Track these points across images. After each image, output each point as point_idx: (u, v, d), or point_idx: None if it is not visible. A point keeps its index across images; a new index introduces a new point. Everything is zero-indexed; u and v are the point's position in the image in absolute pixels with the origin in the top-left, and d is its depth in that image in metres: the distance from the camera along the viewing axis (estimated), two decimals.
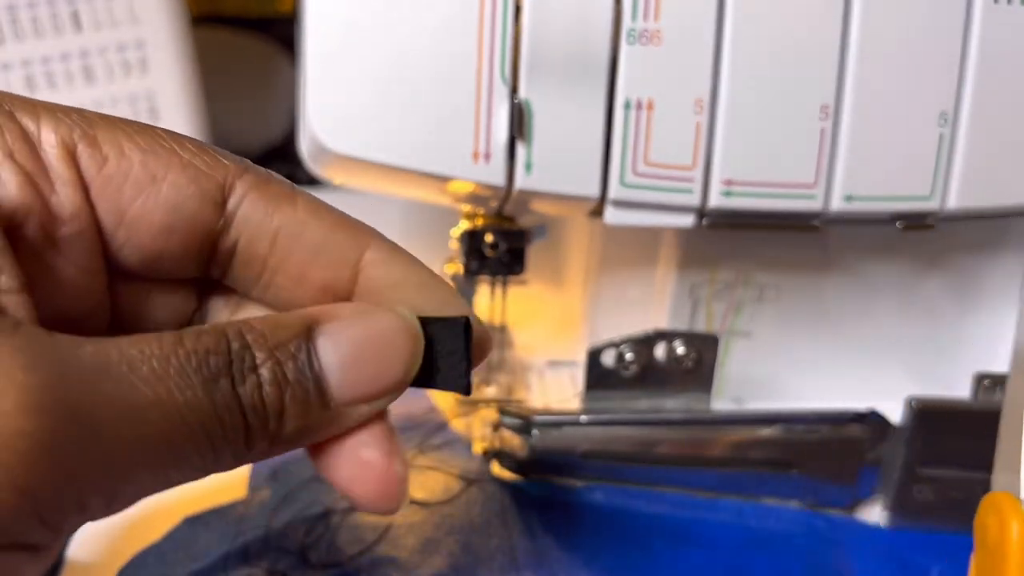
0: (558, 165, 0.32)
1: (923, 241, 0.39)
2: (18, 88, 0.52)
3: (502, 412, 0.36)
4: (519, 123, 0.31)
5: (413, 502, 0.35)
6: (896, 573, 0.34)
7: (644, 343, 0.36)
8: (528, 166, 0.32)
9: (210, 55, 0.61)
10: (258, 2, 0.70)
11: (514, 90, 0.31)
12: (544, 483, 0.36)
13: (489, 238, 0.37)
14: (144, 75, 0.55)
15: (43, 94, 0.53)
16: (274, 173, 0.23)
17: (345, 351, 0.20)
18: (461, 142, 0.32)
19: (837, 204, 0.33)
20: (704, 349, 0.36)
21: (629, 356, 0.36)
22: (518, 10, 0.31)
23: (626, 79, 0.31)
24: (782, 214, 0.34)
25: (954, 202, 0.34)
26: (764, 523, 0.36)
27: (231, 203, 0.21)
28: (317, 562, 0.32)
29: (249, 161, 0.22)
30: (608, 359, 0.36)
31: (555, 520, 0.35)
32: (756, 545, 0.35)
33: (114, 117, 0.21)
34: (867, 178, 0.33)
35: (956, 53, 0.33)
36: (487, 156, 0.32)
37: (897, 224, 0.35)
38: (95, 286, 0.21)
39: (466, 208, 0.38)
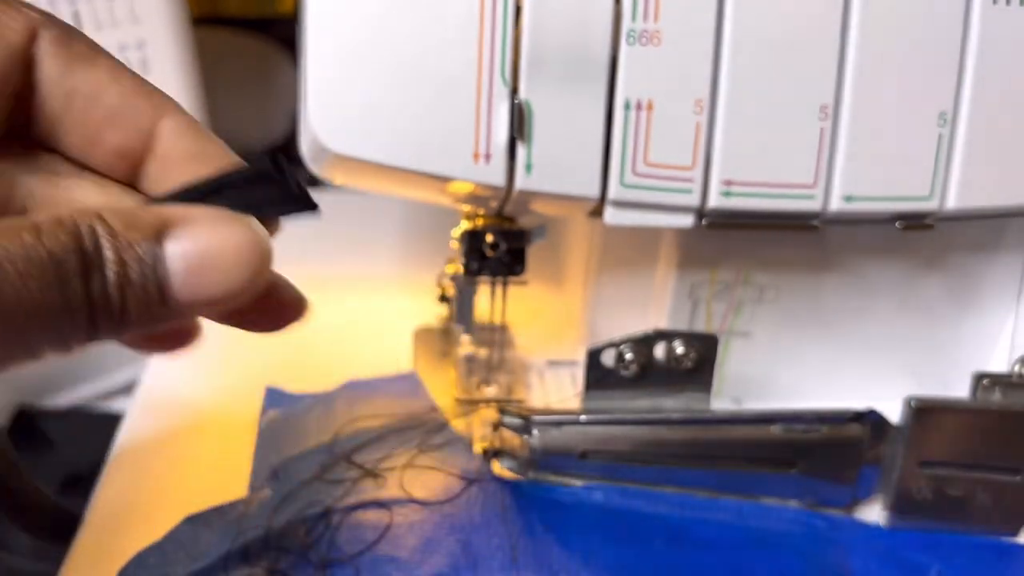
0: (558, 165, 0.32)
1: (922, 241, 0.39)
2: None
3: (502, 412, 0.36)
4: (519, 123, 0.32)
5: (413, 501, 0.35)
6: (895, 572, 0.34)
7: (644, 343, 0.36)
8: (528, 166, 0.32)
9: (211, 55, 0.61)
10: (259, 2, 0.70)
11: (514, 90, 0.32)
12: (544, 483, 0.36)
13: (489, 238, 0.38)
14: (144, 75, 0.55)
15: None
16: (76, 29, 0.23)
17: (191, 258, 0.20)
18: (461, 142, 0.32)
19: (836, 204, 0.33)
20: (704, 349, 0.36)
21: (629, 356, 0.36)
22: (518, 11, 0.31)
23: (626, 79, 0.32)
24: (781, 214, 0.34)
25: (953, 202, 0.34)
26: (764, 523, 0.36)
27: (34, 55, 0.22)
28: (317, 561, 0.32)
29: (51, 14, 0.22)
30: (608, 359, 0.36)
31: (555, 519, 0.35)
32: (756, 545, 0.35)
33: None
34: (866, 178, 0.33)
35: (955, 54, 0.33)
36: (487, 156, 0.32)
37: (896, 224, 0.35)
38: None
39: (466, 208, 0.38)
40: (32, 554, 0.40)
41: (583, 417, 0.36)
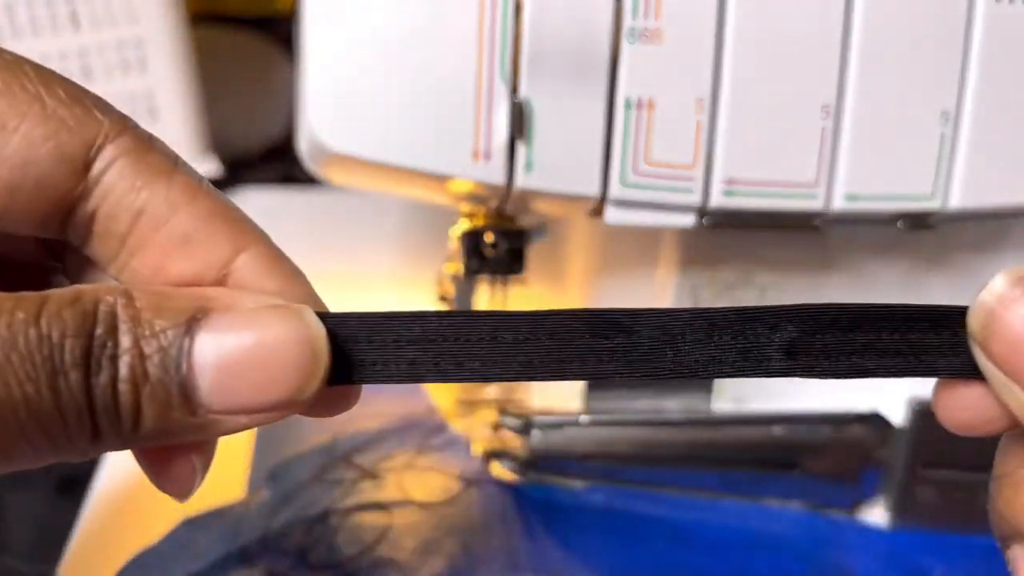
0: (558, 164, 0.32)
1: (924, 241, 0.39)
2: None
3: (502, 413, 0.36)
4: (519, 122, 0.31)
5: (412, 503, 0.35)
6: (897, 574, 0.34)
7: None
8: (528, 165, 0.32)
9: (209, 54, 0.61)
10: (257, 1, 0.70)
11: (514, 89, 0.31)
12: (544, 484, 0.36)
13: (489, 238, 0.37)
14: (143, 74, 0.55)
15: None
16: (157, 139, 0.19)
17: (227, 354, 0.17)
18: (461, 141, 0.32)
19: (838, 204, 0.33)
20: None
21: None
22: (518, 8, 0.31)
23: (627, 78, 0.31)
24: (783, 214, 0.34)
25: (956, 202, 0.34)
26: (765, 524, 0.35)
27: (96, 167, 0.18)
28: (316, 563, 0.32)
29: (133, 121, 0.19)
30: None
31: (555, 521, 0.35)
32: (757, 546, 0.35)
33: None
34: (868, 177, 0.33)
35: (958, 52, 0.33)
36: (487, 155, 0.32)
37: (899, 224, 0.34)
38: None
39: (466, 208, 0.38)
40: (30, 556, 0.40)
41: (583, 418, 0.35)
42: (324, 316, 0.18)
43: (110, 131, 0.18)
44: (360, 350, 0.19)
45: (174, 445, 0.19)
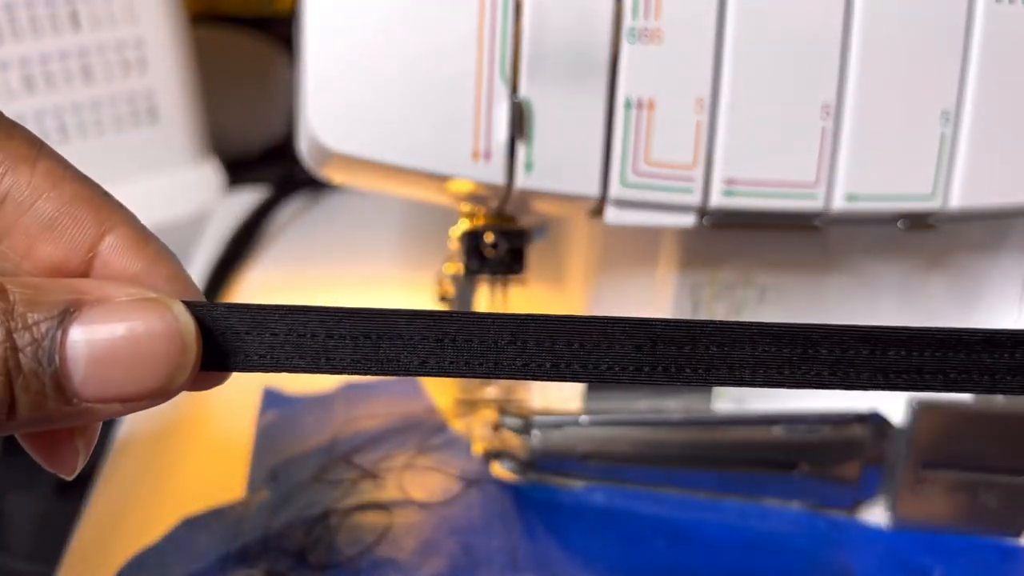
0: (558, 164, 0.32)
1: (924, 241, 0.39)
2: (17, 88, 0.52)
3: (502, 412, 0.36)
4: (519, 122, 0.31)
5: (412, 503, 0.35)
6: (898, 574, 0.34)
7: None
8: (528, 165, 0.32)
9: (209, 54, 0.61)
10: (257, 1, 0.70)
11: (514, 89, 0.31)
12: (544, 484, 0.36)
13: (489, 238, 0.37)
14: (143, 74, 0.55)
15: (42, 93, 0.53)
16: (18, 124, 0.20)
17: (99, 346, 0.17)
18: (461, 141, 0.32)
19: (839, 204, 0.33)
20: None
21: None
22: (518, 9, 0.31)
23: (627, 78, 0.31)
24: (783, 214, 0.34)
25: (956, 202, 0.34)
26: (765, 524, 0.35)
27: None
28: (316, 563, 0.32)
29: None
30: None
31: (555, 521, 0.35)
32: (757, 546, 0.35)
33: None
34: (869, 177, 0.33)
35: (958, 52, 0.32)
36: (487, 155, 0.32)
37: (899, 224, 0.34)
38: None
39: (466, 208, 0.38)
40: (30, 556, 0.40)
41: (584, 418, 0.35)
42: (195, 305, 0.19)
43: None
44: (233, 338, 0.20)
45: (54, 430, 0.20)
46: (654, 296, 0.41)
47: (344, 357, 0.20)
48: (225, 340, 0.20)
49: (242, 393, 0.43)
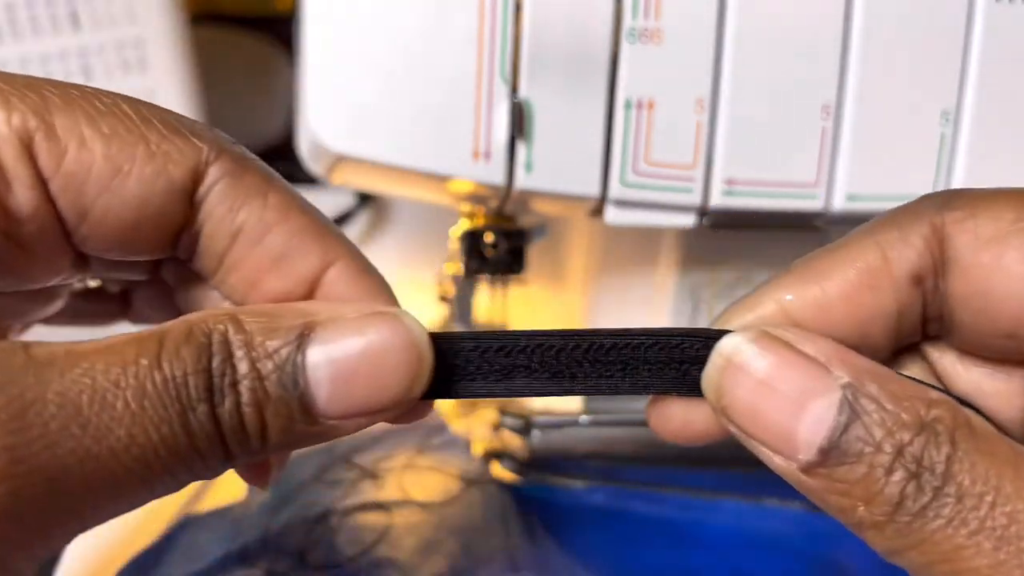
0: (558, 164, 0.32)
1: None
2: None
3: (502, 413, 0.36)
4: (519, 122, 0.31)
5: (412, 503, 0.35)
6: (898, 574, 0.34)
7: None
8: (528, 165, 0.32)
9: (209, 54, 0.61)
10: (257, 1, 0.70)
11: (514, 89, 0.31)
12: (544, 484, 0.36)
13: (489, 238, 0.37)
14: (143, 74, 0.55)
15: None
16: (251, 157, 0.20)
17: (338, 365, 0.18)
18: (461, 141, 0.32)
19: (839, 203, 0.33)
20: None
21: None
22: (518, 9, 0.31)
23: (627, 78, 0.31)
24: (784, 214, 0.34)
25: None
26: (765, 524, 0.35)
27: (199, 192, 0.19)
28: (316, 563, 0.32)
29: (226, 137, 0.20)
30: None
31: (555, 521, 0.35)
32: (757, 546, 0.35)
33: (74, 92, 0.19)
34: (869, 177, 0.33)
35: (958, 52, 0.32)
36: (487, 155, 0.32)
37: None
38: (58, 268, 0.20)
39: (466, 208, 0.38)
40: None
41: (583, 418, 0.35)
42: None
43: (209, 155, 0.19)
44: (456, 362, 0.20)
45: None
46: (654, 296, 0.41)
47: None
48: (448, 361, 0.19)
49: None
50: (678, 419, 0.20)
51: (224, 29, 0.68)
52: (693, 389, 0.20)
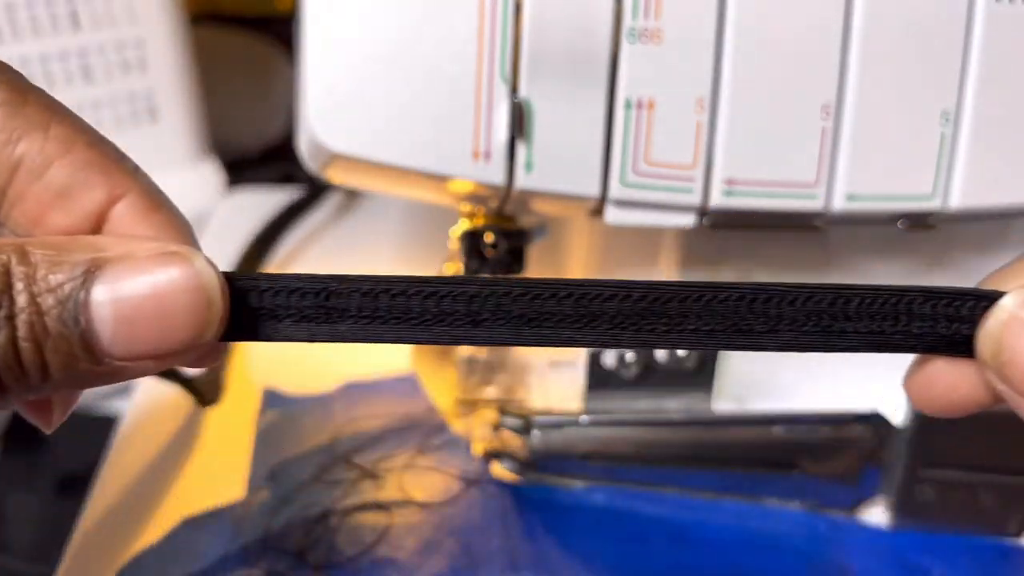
0: (558, 164, 0.32)
1: (924, 241, 0.39)
2: None
3: (502, 413, 0.36)
4: (519, 122, 0.31)
5: (413, 503, 0.35)
6: (898, 574, 0.34)
7: None
8: (528, 165, 0.32)
9: (209, 54, 0.61)
10: (257, 1, 0.70)
11: (514, 89, 0.31)
12: (544, 484, 0.36)
13: (489, 238, 0.37)
14: (143, 74, 0.55)
15: None
16: (33, 86, 0.19)
17: (123, 304, 0.17)
18: (461, 141, 0.31)
19: (839, 204, 0.33)
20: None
21: (630, 356, 0.35)
22: (518, 8, 0.31)
23: (627, 78, 0.31)
24: (783, 214, 0.34)
25: (956, 201, 0.34)
26: (766, 524, 0.35)
27: None
28: (316, 563, 0.32)
29: (14, 73, 0.20)
30: (609, 360, 0.36)
31: (555, 521, 0.35)
32: (757, 546, 0.35)
33: None
34: (869, 177, 0.33)
35: (958, 52, 0.32)
36: (487, 155, 0.32)
37: (899, 224, 0.34)
38: None
39: (466, 208, 0.38)
40: (30, 556, 0.40)
41: (584, 418, 0.35)
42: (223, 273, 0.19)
43: None
44: (258, 303, 0.19)
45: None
46: None
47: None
48: (258, 306, 0.19)
49: (242, 393, 0.43)
50: (943, 383, 0.20)
51: (224, 29, 0.69)
52: (952, 347, 0.20)
